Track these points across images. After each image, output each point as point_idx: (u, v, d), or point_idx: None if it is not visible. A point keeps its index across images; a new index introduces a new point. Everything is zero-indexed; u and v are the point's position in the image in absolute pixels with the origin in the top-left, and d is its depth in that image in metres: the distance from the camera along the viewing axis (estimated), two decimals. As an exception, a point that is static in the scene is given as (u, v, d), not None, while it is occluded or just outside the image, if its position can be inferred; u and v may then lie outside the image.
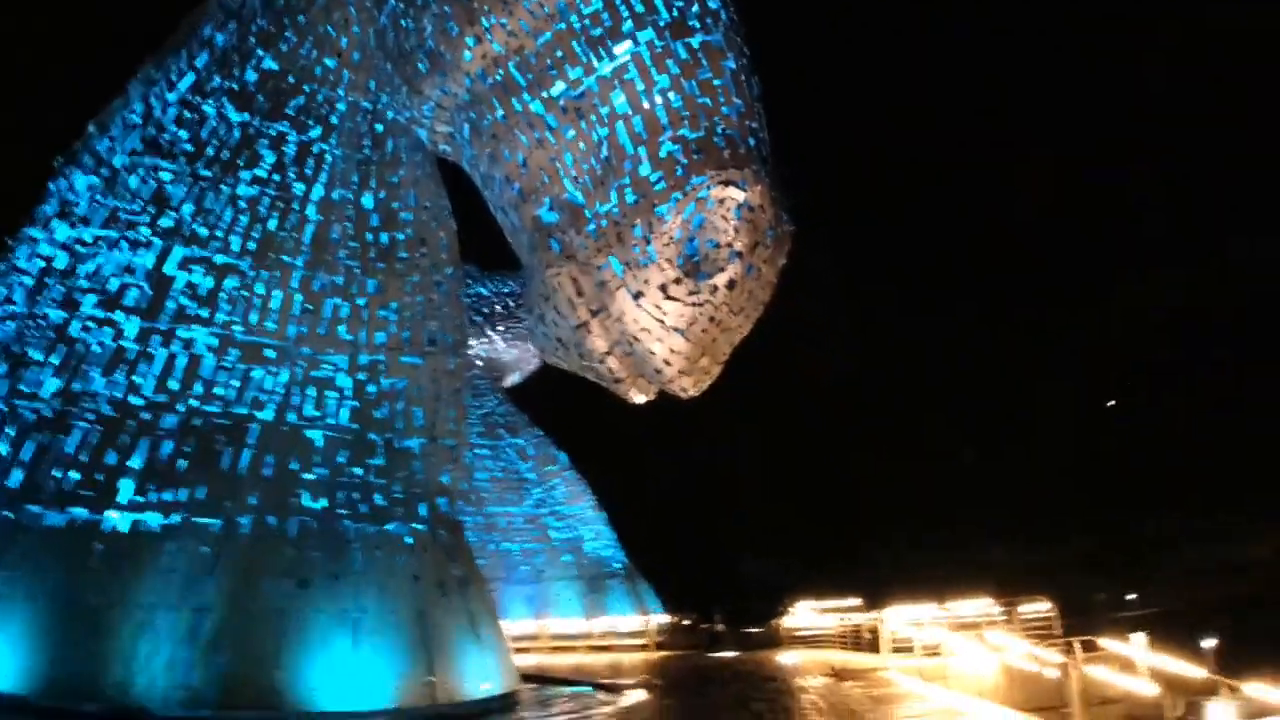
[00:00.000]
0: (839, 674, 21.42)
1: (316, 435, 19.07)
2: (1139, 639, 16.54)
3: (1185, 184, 65.87)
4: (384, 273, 20.53)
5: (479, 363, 41.87)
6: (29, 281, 20.40)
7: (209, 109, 21.29)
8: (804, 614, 37.32)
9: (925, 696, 17.00)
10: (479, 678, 18.26)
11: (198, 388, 18.88)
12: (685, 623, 42.16)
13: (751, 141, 18.20)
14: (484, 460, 39.84)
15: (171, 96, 21.65)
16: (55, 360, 19.21)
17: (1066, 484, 61.09)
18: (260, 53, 21.54)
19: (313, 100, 21.44)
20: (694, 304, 17.65)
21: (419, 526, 19.16)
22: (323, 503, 18.44)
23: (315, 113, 21.37)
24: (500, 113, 19.22)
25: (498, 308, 40.28)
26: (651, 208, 17.64)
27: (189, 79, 21.67)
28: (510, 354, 42.11)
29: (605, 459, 49.19)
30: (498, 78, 19.53)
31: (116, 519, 17.60)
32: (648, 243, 17.60)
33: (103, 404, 18.63)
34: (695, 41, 18.32)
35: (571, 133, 18.59)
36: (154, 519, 17.61)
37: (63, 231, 20.68)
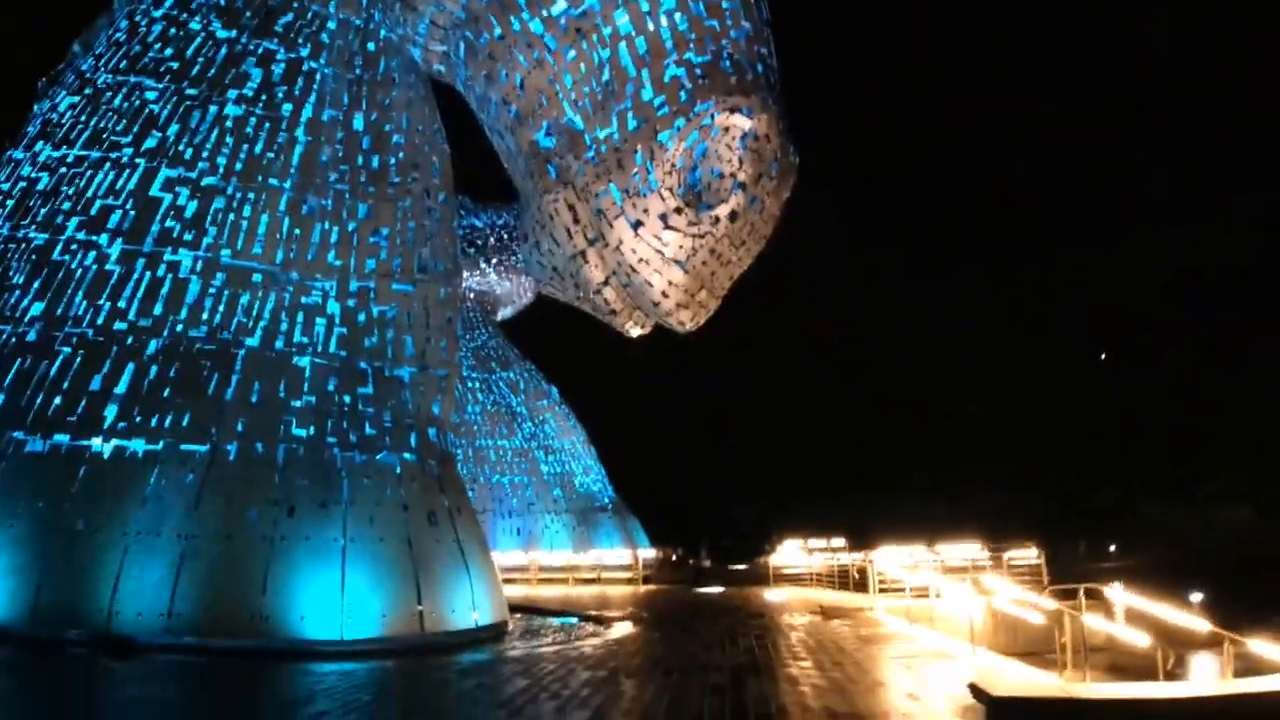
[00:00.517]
0: (826, 612, 21.00)
1: (304, 362, 18.36)
2: (1121, 590, 16.12)
3: (1190, 143, 64.91)
4: (374, 197, 19.65)
5: (472, 296, 41.07)
6: (10, 204, 19.50)
7: (195, 25, 20.22)
8: (791, 552, 37.06)
9: (912, 637, 16.57)
10: (468, 608, 17.79)
11: (183, 312, 18.10)
12: (672, 558, 42.00)
13: (759, 68, 17.28)
14: (475, 393, 39.25)
15: (157, 13, 20.56)
16: (37, 284, 18.40)
17: (1068, 440, 60.52)
18: (248, -33, 20.41)
19: (302, 17, 20.39)
20: (694, 235, 16.88)
21: (408, 456, 18.54)
22: (310, 430, 17.77)
23: (305, 30, 20.32)
24: (498, 31, 18.24)
25: (491, 240, 39.24)
26: (654, 133, 16.79)
27: (172, -5, 20.56)
28: (504, 287, 41.22)
29: (596, 393, 48.77)
30: (495, -5, 18.56)
31: (100, 445, 16.96)
32: (649, 170, 16.79)
33: (86, 328, 17.86)
34: (700, -40, 17.38)
35: (572, 53, 17.65)
36: (138, 445, 16.94)
37: (45, 152, 19.72)
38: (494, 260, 39.70)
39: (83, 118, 19.61)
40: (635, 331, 17.90)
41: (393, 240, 19.64)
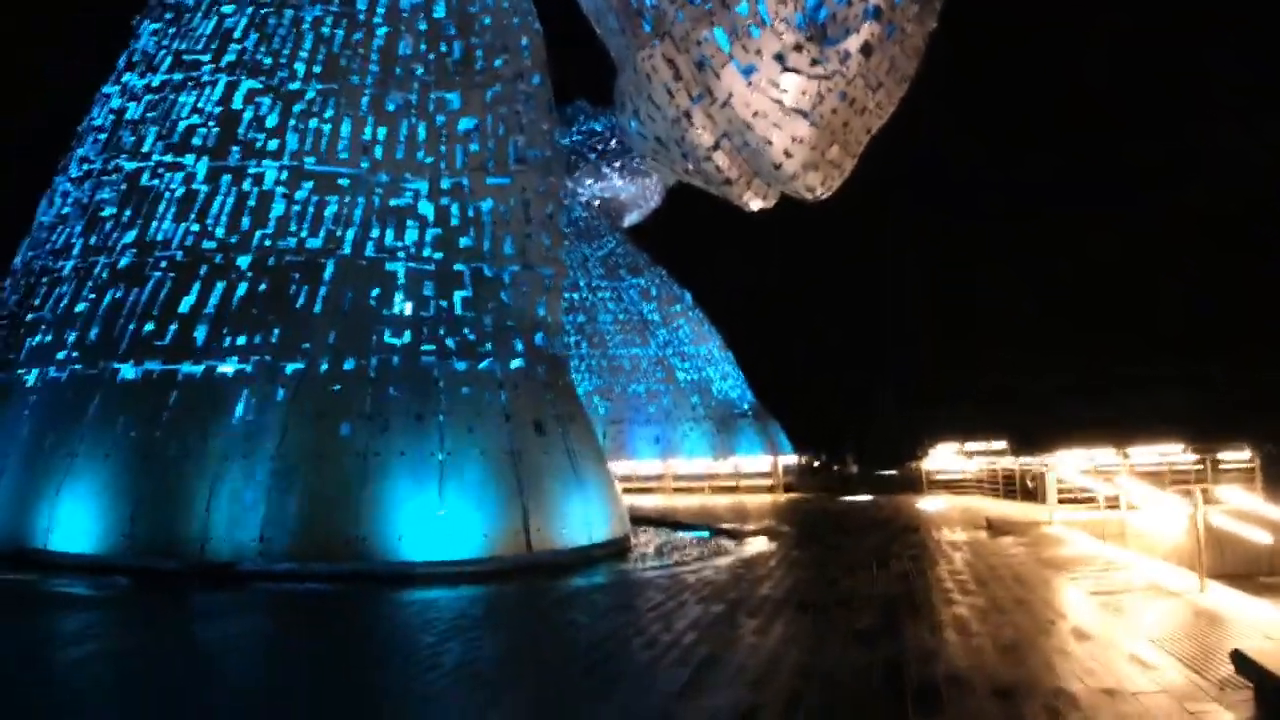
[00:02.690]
0: (994, 527, 16.77)
1: (397, 267, 15.49)
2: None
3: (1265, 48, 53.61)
4: (461, 86, 16.41)
5: (597, 203, 37.58)
6: (103, 137, 17.39)
7: (270, -66, 17.28)
8: (946, 456, 31.83)
9: (1109, 561, 12.07)
10: (582, 524, 14.77)
11: (270, 225, 15.53)
12: (815, 464, 37.83)
13: None
14: (606, 302, 35.91)
15: (229, -76, 17.74)
16: (129, 212, 16.24)
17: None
18: None
19: (375, -97, 17.09)
20: (820, 77, 12.75)
21: (512, 362, 15.50)
22: (406, 339, 14.97)
23: (378, -83, 17.04)
24: (573, -127, 14.53)
25: (613, 143, 35.27)
26: None
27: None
28: (628, 191, 37.47)
29: (730, 294, 44.26)
30: None
31: (191, 367, 14.69)
32: (759, 3, 12.77)
33: (175, 251, 15.57)
34: None
35: None
36: (229, 365, 14.58)
37: (132, 82, 17.49)
38: (617, 164, 35.98)
39: (165, 42, 17.20)
40: (756, 204, 14.05)
41: (484, 130, 16.40)
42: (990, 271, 57.38)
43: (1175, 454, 23.26)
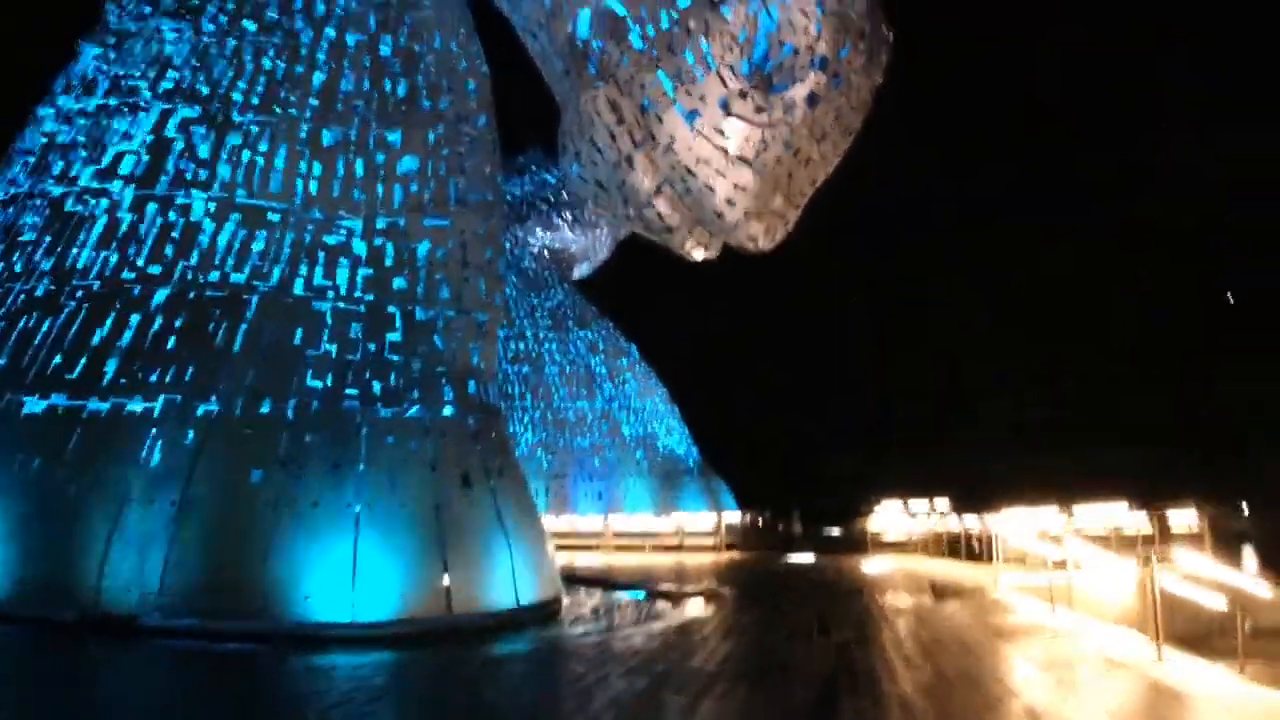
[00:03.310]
0: (939, 591, 16.08)
1: (325, 307, 14.55)
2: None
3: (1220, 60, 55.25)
4: (404, 124, 15.69)
5: (547, 254, 36.84)
6: (31, 160, 16.36)
7: (217, -38, 16.62)
8: (891, 514, 31.22)
9: (1059, 631, 11.39)
10: (507, 585, 13.73)
11: (194, 258, 14.53)
12: (759, 522, 36.95)
13: None
14: (553, 354, 34.96)
15: (182, -45, 17.07)
16: (49, 238, 15.15)
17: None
18: (271, -102, 16.71)
19: (326, -61, 16.56)
20: (764, 125, 12.27)
21: (441, 409, 14.57)
22: (328, 382, 13.96)
23: (328, -48, 16.49)
24: (525, -84, 14.09)
25: (564, 194, 34.73)
26: (708, 2, 12.24)
27: (194, -71, 17.02)
28: (579, 242, 36.80)
29: (674, 342, 43.16)
30: (519, -125, 14.40)
31: (98, 404, 13.52)
32: (704, 48, 12.32)
33: (93, 280, 14.48)
34: None
35: None
36: (136, 403, 13.43)
37: (66, 105, 16.51)
38: (568, 215, 35.43)
39: (104, 67, 16.29)
40: (698, 254, 13.43)
41: (424, 170, 15.65)
42: (945, 283, 57.21)
43: (1121, 513, 22.87)
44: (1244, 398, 44.25)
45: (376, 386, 14.26)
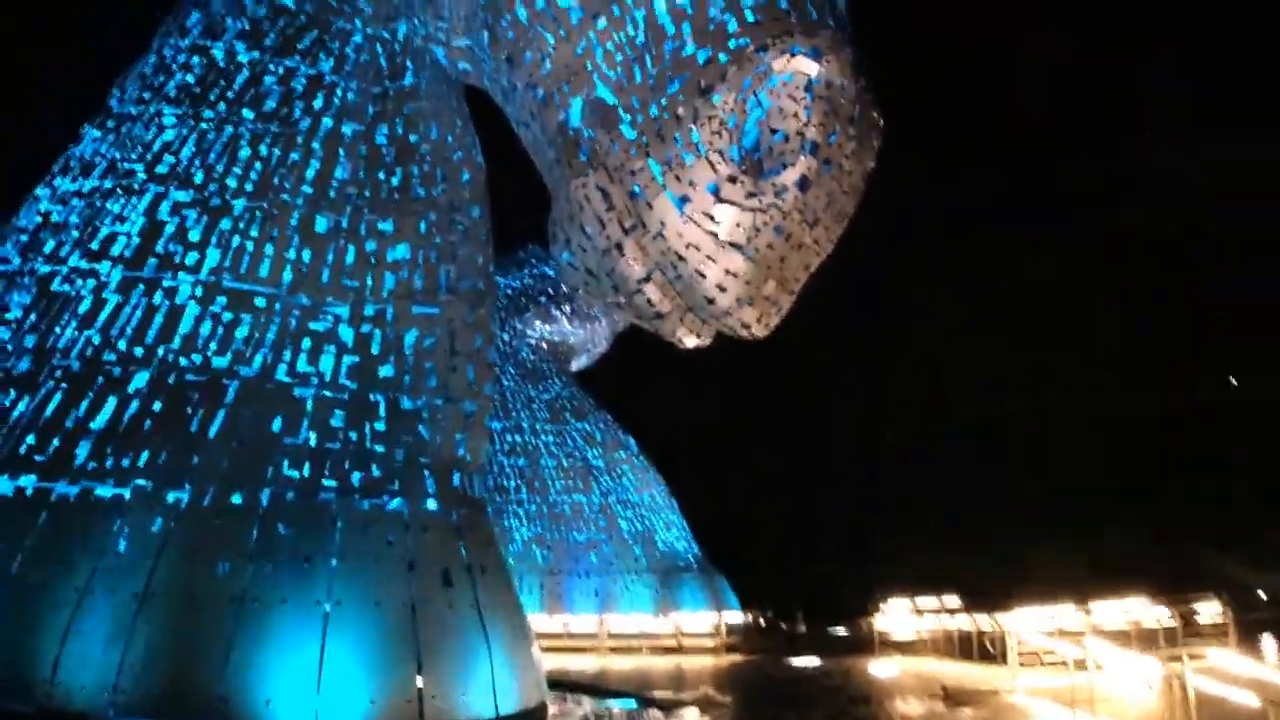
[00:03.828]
0: (951, 696, 15.17)
1: (307, 394, 14.18)
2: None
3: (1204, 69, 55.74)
4: (396, 211, 15.65)
5: (545, 345, 36.68)
6: (25, 239, 16.38)
7: (218, 51, 16.92)
8: (899, 613, 30.06)
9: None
10: (486, 692, 12.93)
11: (176, 341, 14.26)
12: (761, 622, 35.63)
13: (827, 7, 12.72)
14: (550, 446, 34.43)
15: (184, 42, 17.42)
16: (34, 316, 14.99)
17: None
18: (275, -12, 17.20)
19: (326, 32, 16.88)
20: (755, 209, 12.09)
21: (423, 503, 14.03)
22: (305, 472, 13.49)
23: (328, 45, 16.77)
24: (522, 10, 14.25)
25: (563, 286, 34.82)
26: (698, 89, 12.20)
27: (200, 22, 17.44)
28: (577, 335, 36.72)
29: (674, 440, 42.45)
30: (516, -31, 14.70)
31: (66, 488, 13.06)
32: (693, 134, 12.27)
33: (73, 360, 14.20)
34: (747, -100, 13.04)
35: (602, 21, 13.43)
36: (105, 488, 12.97)
37: (63, 186, 16.63)
38: (567, 308, 35.45)
39: (102, 149, 16.43)
40: (690, 341, 13.09)
41: (415, 257, 15.51)
42: (929, 292, 56.31)
43: (1142, 608, 21.78)
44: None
45: (356, 477, 13.76)
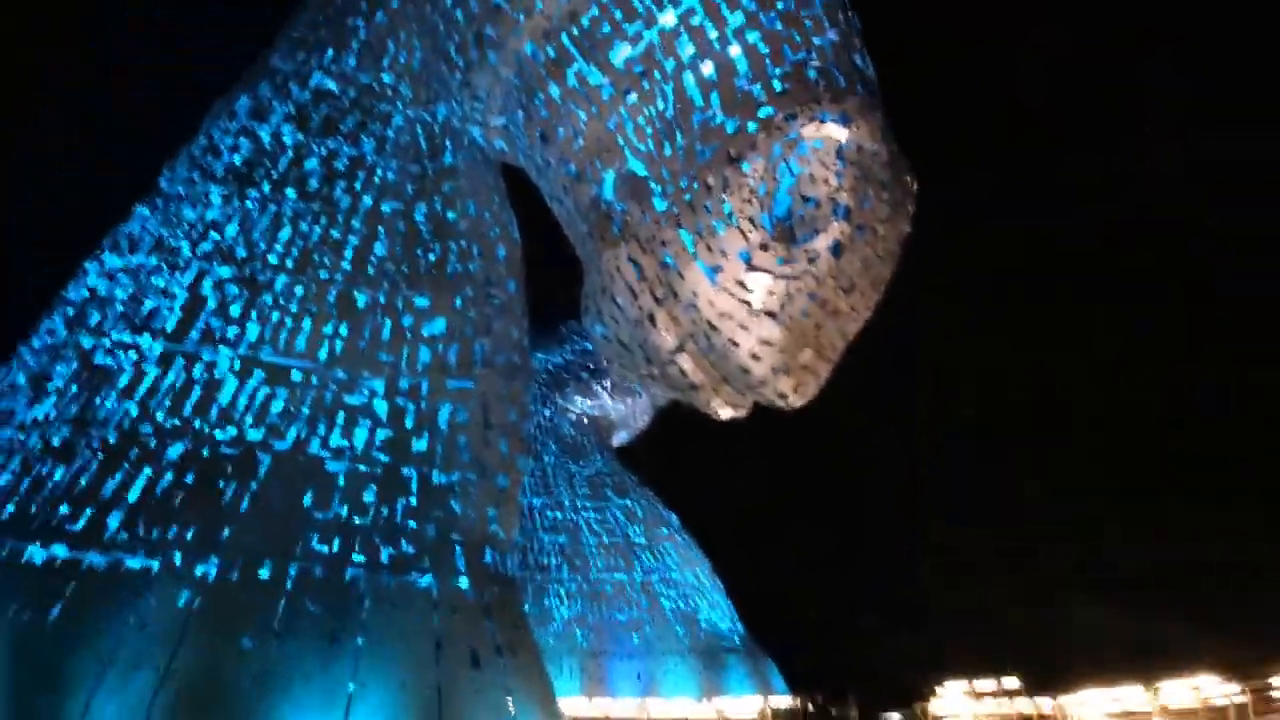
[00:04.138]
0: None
1: (339, 468, 14.14)
2: None
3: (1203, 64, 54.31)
4: (432, 286, 15.81)
5: (586, 421, 36.51)
6: (71, 312, 16.86)
7: (264, 133, 17.52)
8: (954, 697, 28.60)
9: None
10: (511, 777, 12.45)
11: (213, 413, 14.38)
12: (809, 708, 34.09)
13: (853, 76, 12.67)
14: (590, 523, 33.92)
15: (233, 125, 18.09)
16: (75, 387, 15.30)
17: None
18: (319, 75, 17.78)
19: (368, 115, 17.41)
20: (787, 276, 11.91)
21: (454, 580, 13.76)
22: (334, 547, 13.35)
23: (370, 128, 17.30)
24: (554, 89, 14.52)
25: (604, 362, 34.63)
26: (727, 158, 12.18)
27: (249, 106, 18.12)
28: (618, 410, 36.49)
29: (720, 517, 41.41)
30: (549, 53, 14.96)
31: (96, 557, 13.07)
32: (723, 203, 12.21)
33: (110, 431, 14.37)
34: (773, -26, 13.17)
35: (633, 96, 13.59)
36: (135, 560, 12.94)
37: (110, 261, 17.17)
38: (606, 382, 35.34)
39: (150, 226, 16.97)
40: (725, 412, 12.81)
41: (450, 331, 15.59)
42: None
43: (1212, 685, 20.23)
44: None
45: (385, 553, 13.57)
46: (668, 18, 13.06)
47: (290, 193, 16.76)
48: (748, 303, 11.27)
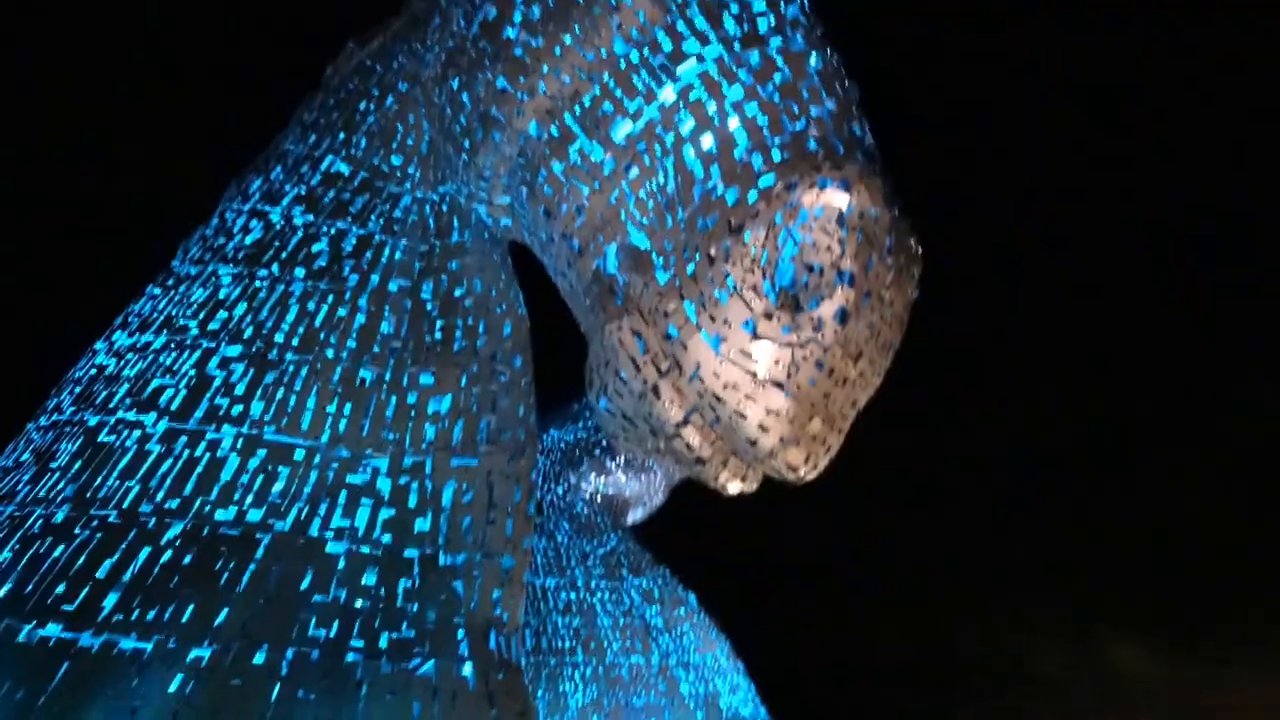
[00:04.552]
0: None
1: (339, 549, 13.76)
2: None
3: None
4: (437, 363, 15.77)
5: (599, 499, 36.14)
6: (78, 390, 16.98)
7: (275, 215, 17.79)
8: None
9: None
10: None
11: (213, 493, 14.15)
12: None
13: (854, 142, 12.80)
14: (606, 604, 33.15)
15: (245, 206, 18.35)
16: (77, 465, 15.28)
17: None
18: (330, 158, 18.20)
19: (377, 196, 17.62)
20: (793, 345, 11.79)
21: (454, 666, 13.29)
22: (332, 631, 12.96)
23: (379, 208, 17.55)
24: (558, 165, 14.79)
25: (610, 437, 34.48)
26: (728, 228, 12.24)
27: (260, 188, 18.49)
28: (633, 487, 35.95)
29: (739, 593, 40.28)
30: (553, 132, 15.25)
31: (89, 639, 12.78)
32: (725, 274, 12.19)
33: (110, 511, 14.25)
34: (771, 47, 13.35)
35: (634, 171, 13.82)
36: (129, 641, 12.61)
37: (120, 340, 17.34)
38: (619, 459, 34.99)
39: (160, 306, 17.05)
40: (734, 486, 12.44)
41: (455, 408, 15.41)
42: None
43: None
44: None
45: (384, 638, 13.06)
46: (668, 94, 13.27)
47: (299, 272, 16.89)
48: (753, 373, 11.12)
